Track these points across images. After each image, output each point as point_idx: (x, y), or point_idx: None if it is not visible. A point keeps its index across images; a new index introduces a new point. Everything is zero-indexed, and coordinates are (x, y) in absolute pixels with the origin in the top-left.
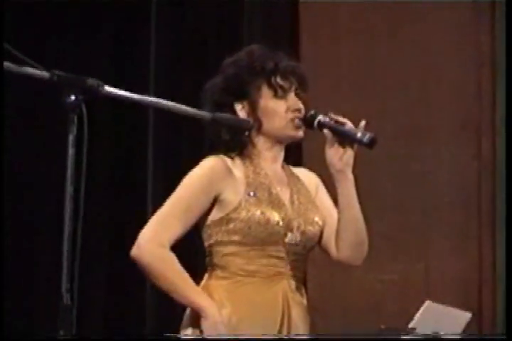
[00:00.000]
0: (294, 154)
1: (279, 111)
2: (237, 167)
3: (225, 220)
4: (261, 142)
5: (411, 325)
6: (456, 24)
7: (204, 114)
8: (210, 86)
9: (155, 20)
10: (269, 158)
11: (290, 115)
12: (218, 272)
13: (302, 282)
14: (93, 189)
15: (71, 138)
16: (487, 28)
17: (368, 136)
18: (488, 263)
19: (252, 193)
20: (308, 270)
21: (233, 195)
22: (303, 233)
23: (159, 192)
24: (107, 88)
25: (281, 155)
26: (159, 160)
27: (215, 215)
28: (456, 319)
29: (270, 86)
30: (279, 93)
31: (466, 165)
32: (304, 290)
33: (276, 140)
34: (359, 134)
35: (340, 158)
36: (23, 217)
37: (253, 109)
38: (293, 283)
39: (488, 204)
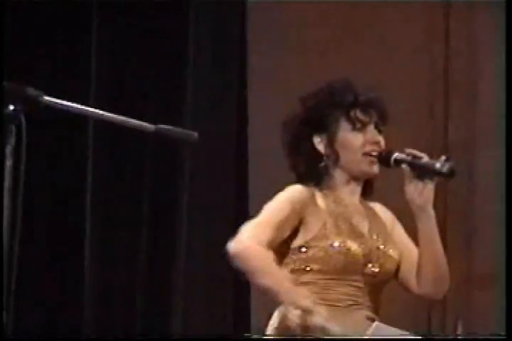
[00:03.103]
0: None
1: (356, 144)
2: (318, 196)
3: (306, 248)
4: (338, 175)
5: None
6: (410, 37)
7: (147, 126)
8: (290, 118)
9: (96, 29)
10: (347, 191)
11: (367, 148)
12: None
13: (377, 313)
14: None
15: (9, 149)
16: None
17: (447, 166)
18: None
19: (331, 222)
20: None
21: (315, 222)
22: (381, 265)
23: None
24: (47, 98)
25: (359, 189)
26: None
27: (298, 241)
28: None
29: (349, 119)
30: (357, 126)
31: None
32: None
33: (352, 174)
34: (438, 165)
35: (420, 193)
36: None
37: (331, 141)
38: (369, 314)
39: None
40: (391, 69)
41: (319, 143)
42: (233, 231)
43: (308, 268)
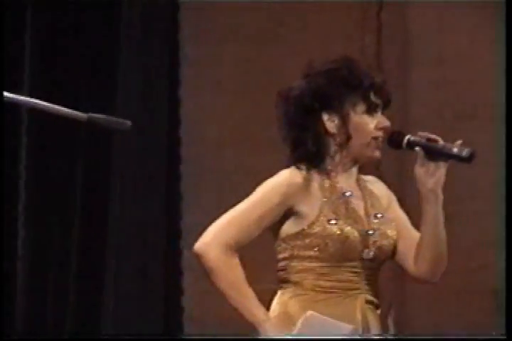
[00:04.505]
0: None
1: (370, 126)
2: (314, 180)
3: (302, 235)
4: (341, 157)
5: (292, 334)
6: (342, 27)
7: (79, 114)
8: (297, 89)
9: (30, 18)
10: (345, 173)
11: (377, 132)
12: (293, 289)
13: (376, 296)
14: None
15: None
16: (373, 32)
17: (466, 150)
18: None
19: (327, 208)
20: (185, 278)
21: (309, 209)
22: (379, 248)
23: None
24: None
25: (356, 170)
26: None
27: (290, 229)
28: (337, 330)
29: (365, 101)
30: (371, 109)
31: None
32: (378, 304)
33: (356, 157)
34: (456, 149)
35: (431, 175)
36: None
37: (344, 122)
38: (369, 297)
39: None
40: (323, 57)
41: (328, 120)
42: (166, 231)
43: (307, 255)
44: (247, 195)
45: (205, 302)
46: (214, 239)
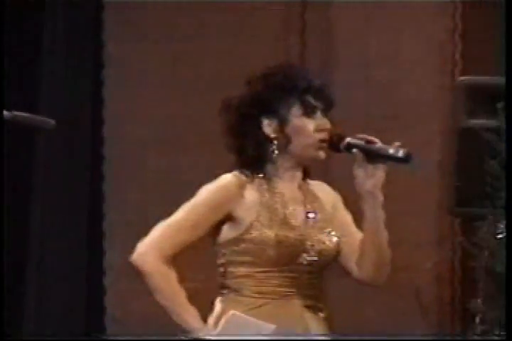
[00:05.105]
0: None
1: (308, 129)
2: (252, 186)
3: (238, 240)
4: (283, 161)
5: (215, 334)
6: (267, 28)
7: (3, 113)
8: (235, 98)
9: None
10: (287, 178)
11: (318, 135)
12: (232, 295)
13: (318, 299)
14: None
15: None
16: (298, 33)
17: (401, 151)
18: None
19: (263, 213)
20: (107, 278)
21: (246, 214)
22: (318, 252)
23: None
24: None
25: (299, 175)
26: None
27: (227, 234)
28: (259, 330)
29: (302, 104)
30: (308, 111)
31: None
32: (321, 307)
33: (298, 160)
34: (392, 150)
35: (370, 177)
36: None
37: (282, 126)
38: (308, 302)
39: None
40: (248, 58)
41: (267, 125)
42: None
43: (242, 261)
44: (170, 194)
45: (127, 302)
46: (149, 250)
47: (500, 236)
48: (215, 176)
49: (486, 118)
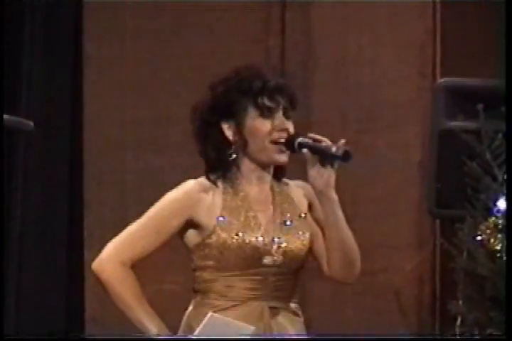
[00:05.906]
0: None
1: (263, 130)
2: (216, 191)
3: (202, 245)
4: (245, 163)
5: (193, 335)
6: (246, 28)
7: None
8: (199, 104)
9: None
10: (254, 179)
11: (275, 135)
12: (199, 298)
13: (288, 301)
14: None
15: None
16: (277, 34)
17: (341, 149)
18: None
19: (224, 218)
20: (87, 278)
21: (207, 220)
22: (284, 253)
23: None
24: None
25: (268, 175)
26: None
27: (193, 240)
28: (238, 331)
29: (256, 106)
30: (264, 113)
31: None
32: (294, 309)
33: (260, 162)
34: (334, 149)
35: (320, 177)
36: None
37: (239, 128)
38: (277, 304)
39: None
40: (227, 59)
41: (227, 129)
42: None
43: (206, 265)
44: (147, 195)
45: (107, 303)
46: (109, 256)
47: (479, 237)
48: (193, 177)
49: (466, 119)
